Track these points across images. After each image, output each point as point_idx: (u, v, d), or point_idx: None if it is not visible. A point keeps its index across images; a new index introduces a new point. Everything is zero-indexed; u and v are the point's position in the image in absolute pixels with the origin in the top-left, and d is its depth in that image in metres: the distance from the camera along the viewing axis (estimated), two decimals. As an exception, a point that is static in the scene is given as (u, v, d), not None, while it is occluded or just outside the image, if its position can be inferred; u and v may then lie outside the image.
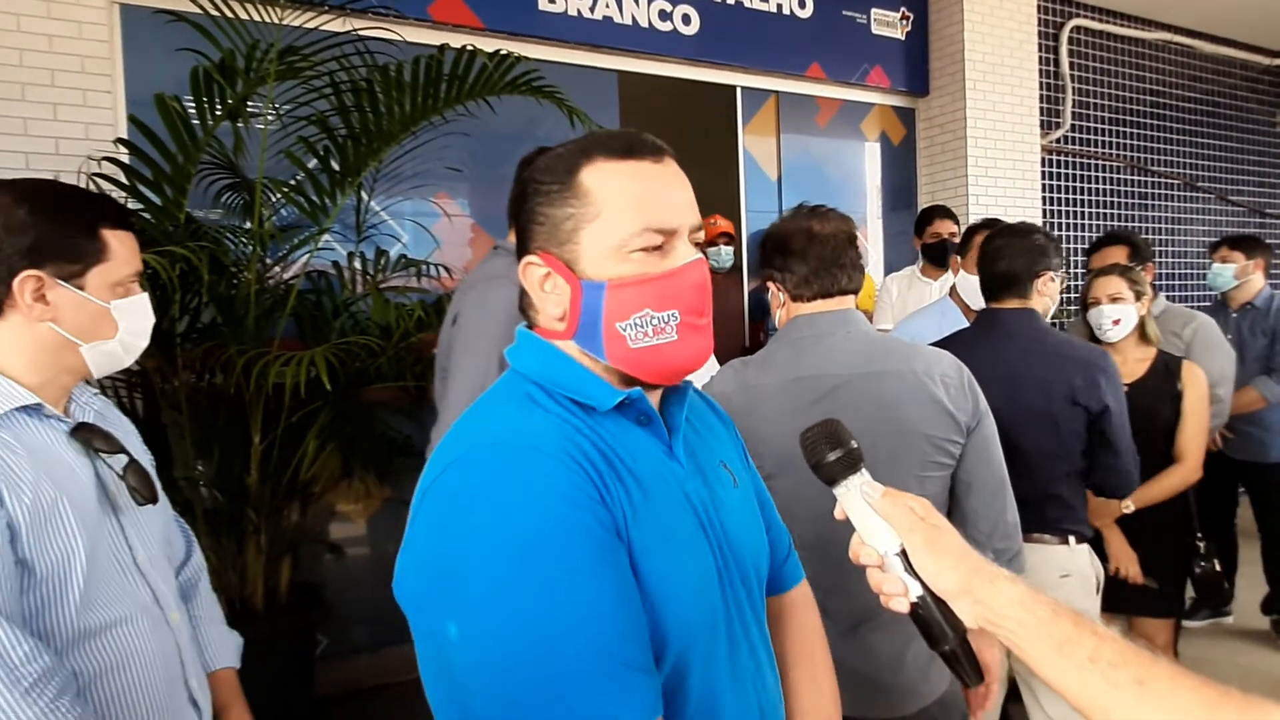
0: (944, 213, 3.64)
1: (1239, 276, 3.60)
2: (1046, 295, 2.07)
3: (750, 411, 1.47)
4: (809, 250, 1.48)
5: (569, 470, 0.73)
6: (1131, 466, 2.02)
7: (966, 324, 2.65)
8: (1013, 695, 2.15)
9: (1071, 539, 2.01)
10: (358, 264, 3.08)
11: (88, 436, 1.17)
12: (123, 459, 1.20)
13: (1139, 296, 2.48)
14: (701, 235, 0.85)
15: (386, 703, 3.05)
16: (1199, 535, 2.63)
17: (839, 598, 1.40)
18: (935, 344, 2.18)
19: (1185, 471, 2.42)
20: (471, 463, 0.74)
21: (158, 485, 1.39)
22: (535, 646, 0.68)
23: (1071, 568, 2.00)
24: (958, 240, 3.50)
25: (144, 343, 1.26)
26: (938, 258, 3.58)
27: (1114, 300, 2.46)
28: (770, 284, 1.58)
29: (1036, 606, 0.71)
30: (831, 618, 1.41)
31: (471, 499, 0.72)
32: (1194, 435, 2.43)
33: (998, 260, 2.05)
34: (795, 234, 1.50)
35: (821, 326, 1.49)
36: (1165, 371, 2.46)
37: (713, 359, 2.18)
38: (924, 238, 3.63)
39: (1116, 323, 2.45)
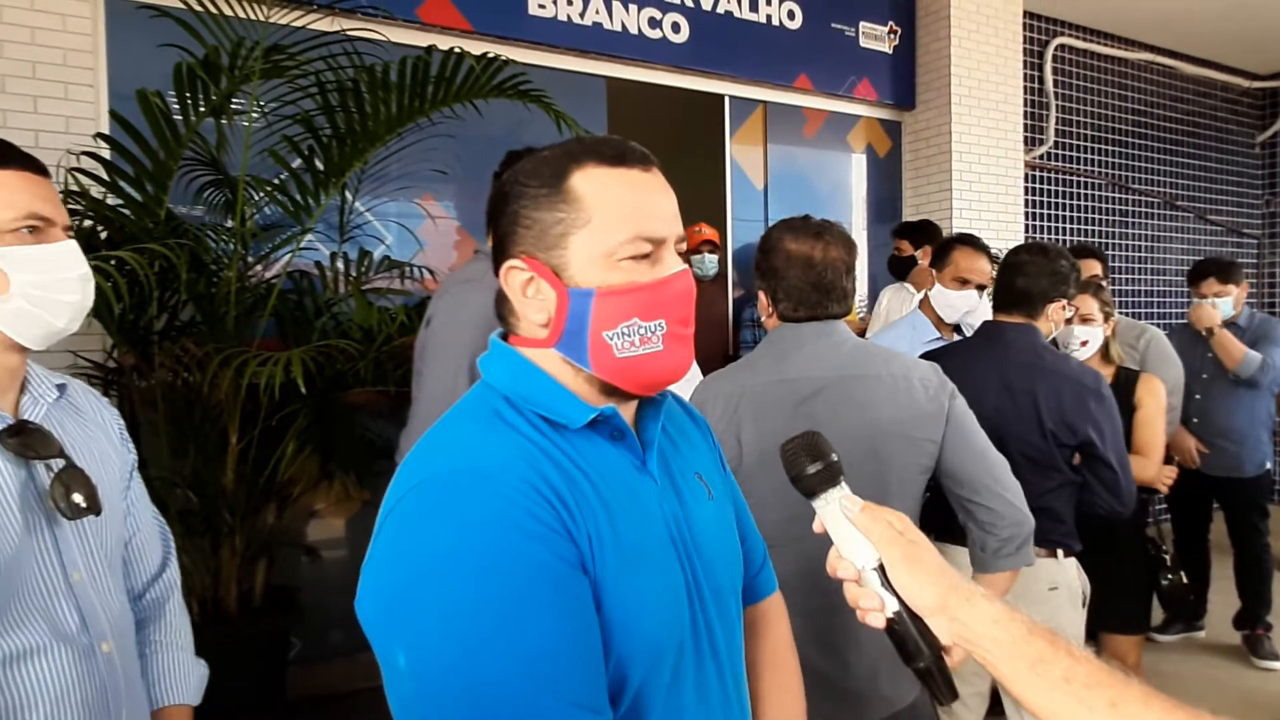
0: (903, 230, 3.78)
1: (1237, 305, 3.64)
2: (1053, 320, 2.09)
3: (734, 412, 1.49)
4: (805, 277, 1.49)
5: (527, 499, 0.71)
6: (1130, 485, 2.02)
7: (938, 334, 2.68)
8: (994, 708, 2.16)
9: (1060, 551, 2.03)
10: (340, 265, 3.06)
11: (22, 441, 1.05)
12: (60, 464, 1.07)
13: (1107, 318, 2.50)
14: (684, 246, 0.84)
15: (360, 708, 3.02)
16: (1164, 549, 2.65)
17: (813, 598, 1.41)
18: (931, 352, 2.21)
19: (1146, 464, 2.39)
20: (430, 490, 0.73)
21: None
22: (478, 682, 0.66)
23: (1060, 580, 2.03)
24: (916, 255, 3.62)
25: (74, 298, 1.12)
26: (895, 271, 3.75)
27: (1085, 320, 2.47)
28: (761, 294, 1.59)
29: (1012, 625, 0.71)
30: (806, 619, 1.42)
31: (426, 529, 0.71)
32: (1152, 437, 2.43)
33: (1018, 276, 2.06)
34: (794, 259, 1.50)
35: (806, 334, 1.52)
36: (1126, 387, 2.48)
37: (695, 367, 2.18)
38: (894, 253, 3.76)
39: (1084, 344, 2.47)
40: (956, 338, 2.68)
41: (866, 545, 0.80)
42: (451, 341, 1.81)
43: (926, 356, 2.20)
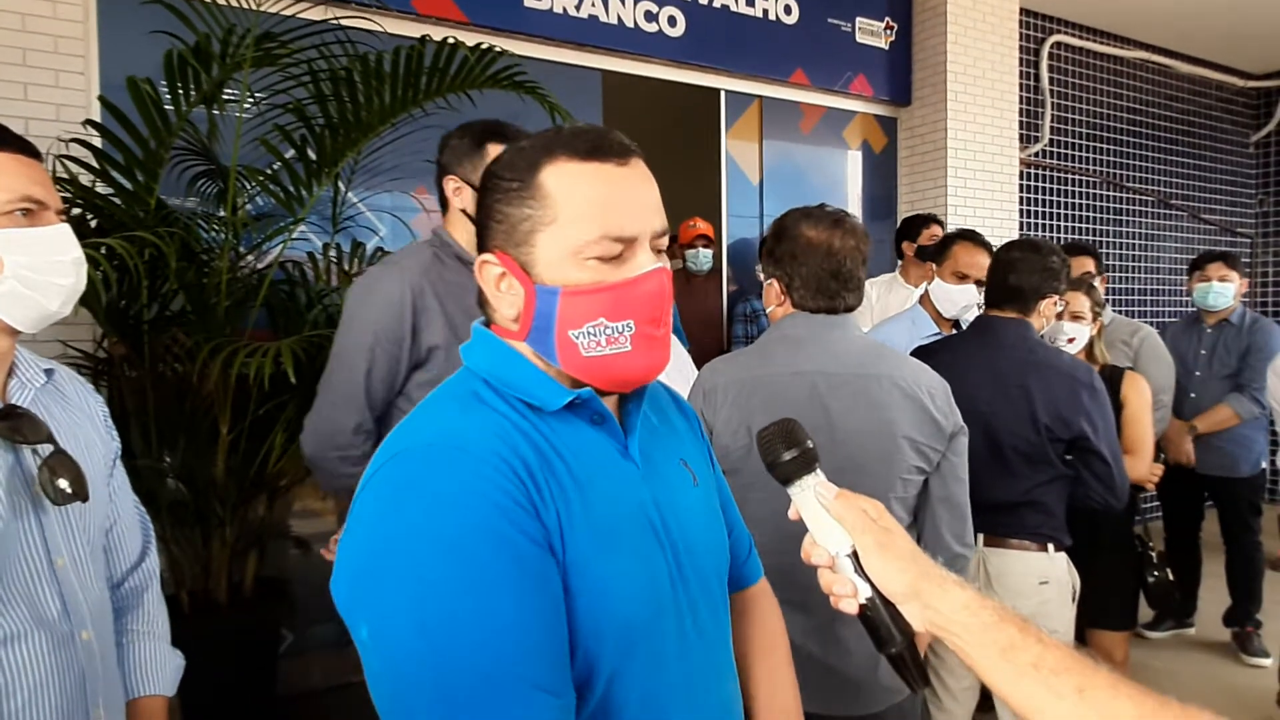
0: (936, 219, 3.75)
1: (1236, 296, 3.64)
2: (1045, 316, 2.10)
3: (746, 400, 1.48)
4: (825, 266, 1.48)
5: (499, 475, 0.71)
6: (1123, 478, 2.02)
7: (936, 329, 2.68)
8: (984, 704, 2.16)
9: (1050, 546, 2.04)
10: (333, 255, 3.05)
11: (10, 425, 1.05)
12: (48, 449, 1.07)
13: (1095, 317, 2.50)
14: (665, 241, 0.83)
15: (351, 701, 3.02)
16: (1150, 546, 2.67)
17: (818, 593, 1.41)
18: (925, 346, 2.23)
19: (1135, 463, 2.39)
20: (403, 463, 0.73)
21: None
22: (438, 656, 0.66)
23: (1050, 575, 2.04)
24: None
25: (67, 281, 1.11)
26: (926, 258, 3.66)
27: (1075, 318, 2.48)
28: (775, 281, 1.56)
29: (982, 611, 0.72)
30: (809, 613, 1.43)
31: (394, 502, 0.71)
32: (1140, 435, 2.44)
33: (1010, 273, 2.07)
34: (814, 247, 1.49)
35: (819, 326, 1.52)
36: (1110, 386, 2.48)
37: (689, 360, 2.17)
38: (920, 240, 3.67)
39: (1071, 341, 2.47)
40: (955, 333, 2.69)
41: (840, 532, 0.80)
42: (355, 323, 1.70)
43: (919, 351, 2.21)
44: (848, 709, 1.48)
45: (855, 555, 0.79)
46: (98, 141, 2.43)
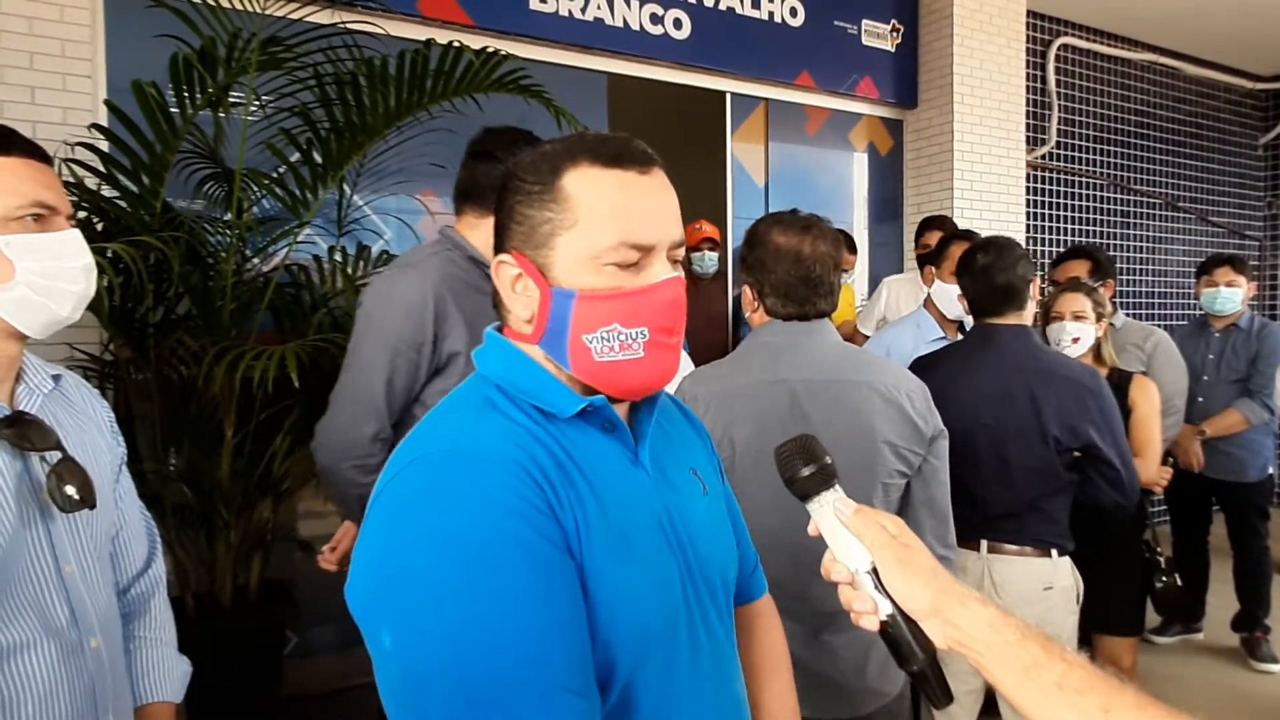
0: (933, 224, 3.71)
1: (1244, 301, 3.62)
2: (1033, 300, 2.08)
3: (728, 411, 1.48)
4: (794, 272, 1.48)
5: (517, 481, 0.72)
6: (1133, 481, 2.00)
7: (942, 333, 2.67)
8: (988, 707, 2.15)
9: (1054, 551, 2.03)
10: (339, 258, 3.05)
11: (18, 432, 1.03)
12: (56, 456, 1.06)
13: (1100, 317, 2.50)
14: (681, 252, 0.84)
15: (354, 704, 3.01)
16: (1159, 551, 2.65)
17: (806, 601, 1.43)
18: (924, 359, 2.21)
19: (1144, 466, 2.37)
20: (420, 469, 0.73)
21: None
22: (464, 663, 0.66)
23: (1055, 581, 2.03)
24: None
25: (78, 287, 1.10)
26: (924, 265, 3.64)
27: (1077, 318, 2.48)
28: (747, 287, 1.57)
29: (1005, 629, 0.71)
30: (798, 620, 1.44)
31: (415, 508, 0.71)
32: (1147, 438, 2.44)
33: (996, 274, 2.02)
34: (783, 253, 1.49)
35: (797, 333, 1.52)
36: (1119, 389, 2.47)
37: (689, 363, 2.17)
38: (918, 249, 3.67)
39: (1076, 340, 2.47)
40: (960, 336, 2.68)
41: (860, 548, 0.79)
42: (373, 328, 1.67)
43: (921, 361, 2.20)
44: (837, 713, 1.49)
45: (875, 572, 0.78)
46: (104, 145, 2.43)
